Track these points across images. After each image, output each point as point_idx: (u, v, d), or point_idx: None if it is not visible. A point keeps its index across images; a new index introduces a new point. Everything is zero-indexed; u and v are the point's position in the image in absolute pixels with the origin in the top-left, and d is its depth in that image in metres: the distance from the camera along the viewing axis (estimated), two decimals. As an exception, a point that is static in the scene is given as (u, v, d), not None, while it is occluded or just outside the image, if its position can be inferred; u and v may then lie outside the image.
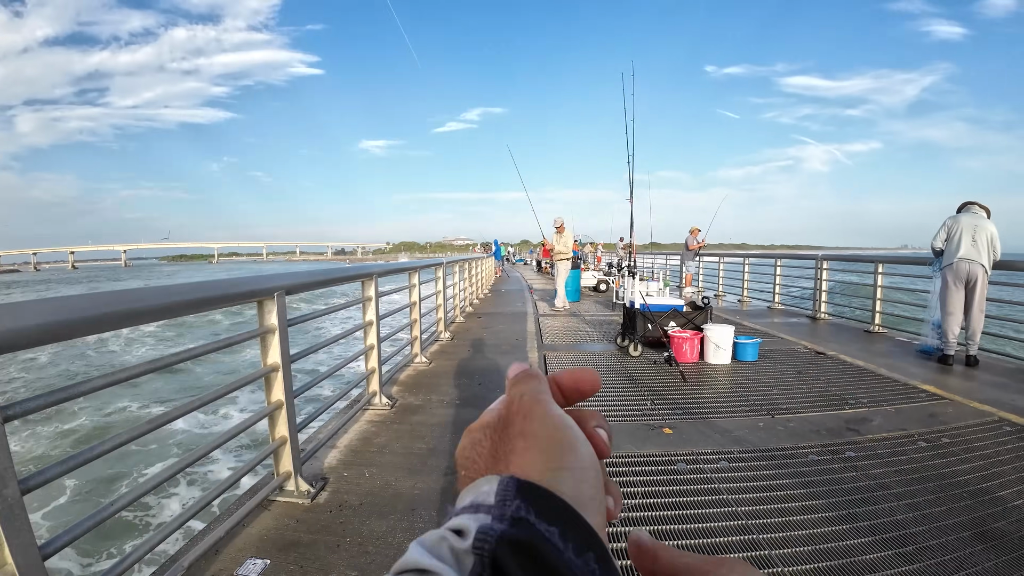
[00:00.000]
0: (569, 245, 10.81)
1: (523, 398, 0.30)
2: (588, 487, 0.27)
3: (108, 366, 12.97)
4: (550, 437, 0.28)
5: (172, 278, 56.14)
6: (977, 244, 5.39)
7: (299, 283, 2.90)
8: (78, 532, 1.55)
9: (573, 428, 0.29)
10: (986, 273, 5.41)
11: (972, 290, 5.44)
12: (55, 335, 1.50)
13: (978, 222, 5.45)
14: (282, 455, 2.71)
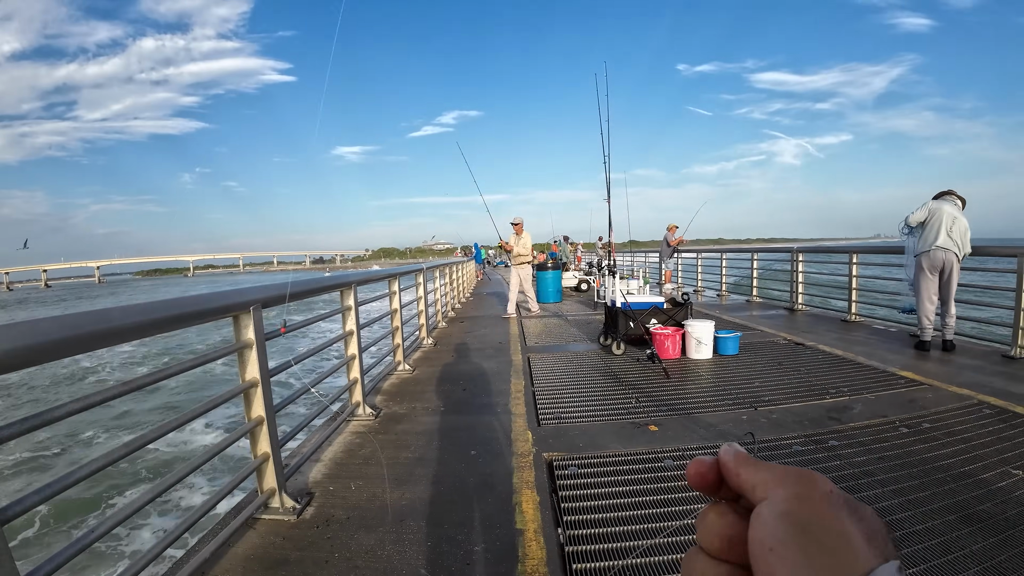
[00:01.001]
0: (528, 247, 10.08)
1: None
2: None
3: (69, 386, 12.66)
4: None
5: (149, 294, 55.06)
6: (953, 236, 5.49)
7: (276, 296, 2.85)
8: (61, 560, 1.51)
9: None
10: (959, 262, 5.52)
11: (948, 279, 5.55)
12: (24, 361, 1.45)
13: (957, 214, 5.54)
14: (265, 472, 2.67)
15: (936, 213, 5.60)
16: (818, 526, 0.25)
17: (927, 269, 5.64)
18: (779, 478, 0.28)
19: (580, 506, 2.64)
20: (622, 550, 2.27)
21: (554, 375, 5.24)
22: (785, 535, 0.25)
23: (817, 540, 0.24)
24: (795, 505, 0.26)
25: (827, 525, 0.25)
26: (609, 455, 3.19)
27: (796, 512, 0.25)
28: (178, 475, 2.13)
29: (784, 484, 0.27)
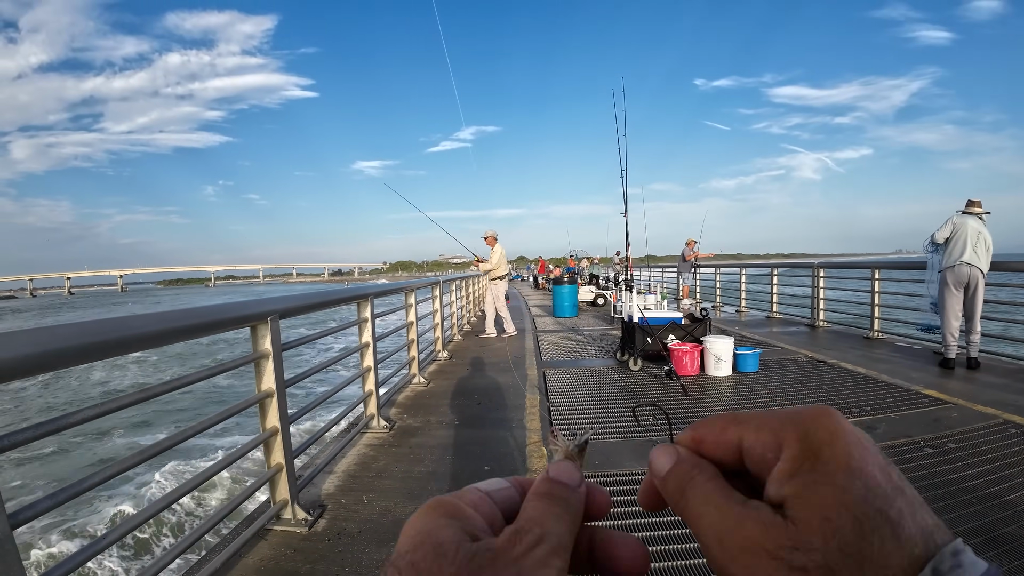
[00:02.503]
0: (495, 261, 9.15)
1: (531, 552, 0.25)
2: None
3: (86, 394, 12.84)
4: None
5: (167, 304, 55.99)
6: (979, 250, 5.39)
7: (293, 306, 2.87)
8: (71, 566, 1.51)
9: None
10: (983, 277, 5.40)
11: (973, 294, 5.43)
12: (44, 365, 1.47)
13: (981, 229, 5.43)
14: (278, 483, 2.66)
15: (961, 228, 5.48)
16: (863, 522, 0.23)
17: (952, 285, 5.51)
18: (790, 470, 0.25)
19: (595, 524, 2.59)
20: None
21: (569, 390, 5.19)
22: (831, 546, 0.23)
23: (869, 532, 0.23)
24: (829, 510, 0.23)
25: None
26: (625, 473, 3.14)
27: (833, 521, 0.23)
28: (191, 484, 2.13)
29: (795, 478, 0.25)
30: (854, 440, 0.25)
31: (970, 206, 5.57)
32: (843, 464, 0.24)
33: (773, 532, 0.24)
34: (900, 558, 0.22)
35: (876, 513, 0.23)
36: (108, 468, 1.70)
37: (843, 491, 0.23)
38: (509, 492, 0.29)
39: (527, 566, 0.24)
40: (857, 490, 0.23)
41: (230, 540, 2.43)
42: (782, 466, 0.25)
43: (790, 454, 0.25)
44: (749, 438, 0.27)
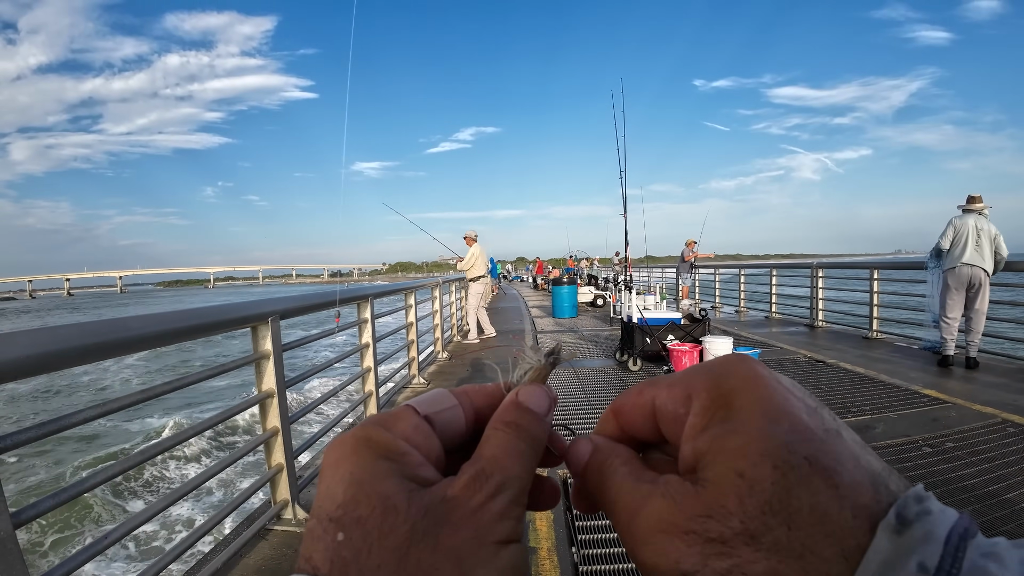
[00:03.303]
0: (467, 261, 8.84)
1: (490, 503, 0.23)
2: None
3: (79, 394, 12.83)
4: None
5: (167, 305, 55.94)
6: (981, 248, 5.37)
7: (293, 307, 2.88)
8: (72, 566, 1.51)
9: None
10: (988, 276, 5.38)
11: (975, 294, 5.42)
12: (45, 366, 1.48)
13: (982, 224, 5.41)
14: (279, 483, 2.67)
15: (961, 229, 5.46)
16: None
17: (953, 286, 5.51)
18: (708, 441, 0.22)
19: (594, 524, 2.60)
20: (636, 570, 2.22)
21: (569, 391, 5.20)
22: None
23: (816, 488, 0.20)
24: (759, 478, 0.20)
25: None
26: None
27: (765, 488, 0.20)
28: (192, 484, 2.14)
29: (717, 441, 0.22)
30: (773, 383, 0.22)
31: (971, 202, 5.54)
32: (759, 409, 0.21)
33: (684, 503, 0.21)
34: (839, 511, 0.19)
35: (802, 461, 0.20)
36: (109, 468, 1.70)
37: (758, 439, 0.20)
38: (453, 412, 0.26)
39: (486, 520, 0.22)
40: (776, 436, 0.20)
41: (231, 540, 2.43)
42: (691, 420, 0.23)
43: (699, 405, 0.23)
44: (661, 396, 0.25)
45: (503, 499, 0.23)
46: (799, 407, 0.21)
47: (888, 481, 0.20)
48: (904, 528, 0.18)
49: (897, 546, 0.18)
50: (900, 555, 0.18)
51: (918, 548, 0.18)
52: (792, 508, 0.19)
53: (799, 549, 0.19)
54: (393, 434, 0.23)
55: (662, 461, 0.26)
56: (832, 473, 0.20)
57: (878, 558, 0.18)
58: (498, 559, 0.21)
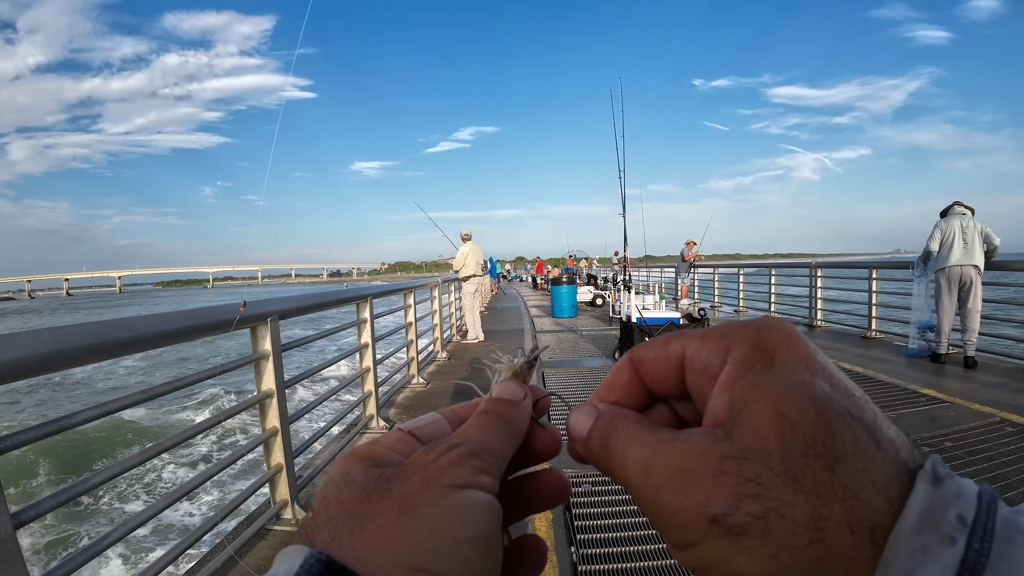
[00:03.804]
0: (463, 261, 8.68)
1: (442, 457, 0.23)
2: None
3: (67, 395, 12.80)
4: (440, 526, 0.20)
5: (167, 305, 55.84)
6: (969, 245, 5.43)
7: (293, 307, 2.88)
8: (72, 566, 1.51)
9: (486, 533, 0.21)
10: (979, 273, 5.43)
11: (967, 292, 5.46)
12: (46, 367, 1.48)
13: (965, 222, 5.49)
14: (278, 483, 2.67)
15: (947, 230, 5.57)
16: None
17: (945, 286, 5.58)
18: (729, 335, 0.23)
19: (594, 524, 2.60)
20: (636, 570, 2.23)
21: (569, 390, 5.21)
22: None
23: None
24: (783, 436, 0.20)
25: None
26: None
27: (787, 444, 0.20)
28: (191, 484, 2.14)
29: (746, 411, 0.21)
30: (813, 346, 0.22)
31: (949, 208, 5.66)
32: (802, 363, 0.21)
33: (713, 449, 0.20)
34: (882, 460, 0.19)
35: (844, 412, 0.20)
36: (109, 468, 1.71)
37: (802, 386, 0.20)
38: (438, 424, 0.27)
39: (435, 468, 0.22)
40: (820, 387, 0.20)
41: (230, 540, 2.43)
42: (729, 369, 0.22)
43: (739, 355, 0.22)
44: (692, 346, 0.24)
45: (456, 453, 0.23)
46: (835, 370, 0.22)
47: (914, 449, 0.21)
48: (939, 482, 0.19)
49: (936, 496, 0.18)
50: (940, 506, 0.18)
51: (954, 501, 0.18)
52: (837, 451, 0.19)
53: (843, 493, 0.18)
54: (377, 445, 0.25)
55: (671, 422, 0.26)
56: (873, 427, 0.20)
57: (919, 506, 0.18)
58: (447, 498, 0.21)
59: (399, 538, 0.20)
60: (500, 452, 0.24)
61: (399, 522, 0.20)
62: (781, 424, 0.20)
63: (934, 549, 0.17)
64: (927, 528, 0.18)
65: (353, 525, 0.20)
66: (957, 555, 0.17)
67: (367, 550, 0.19)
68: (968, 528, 0.18)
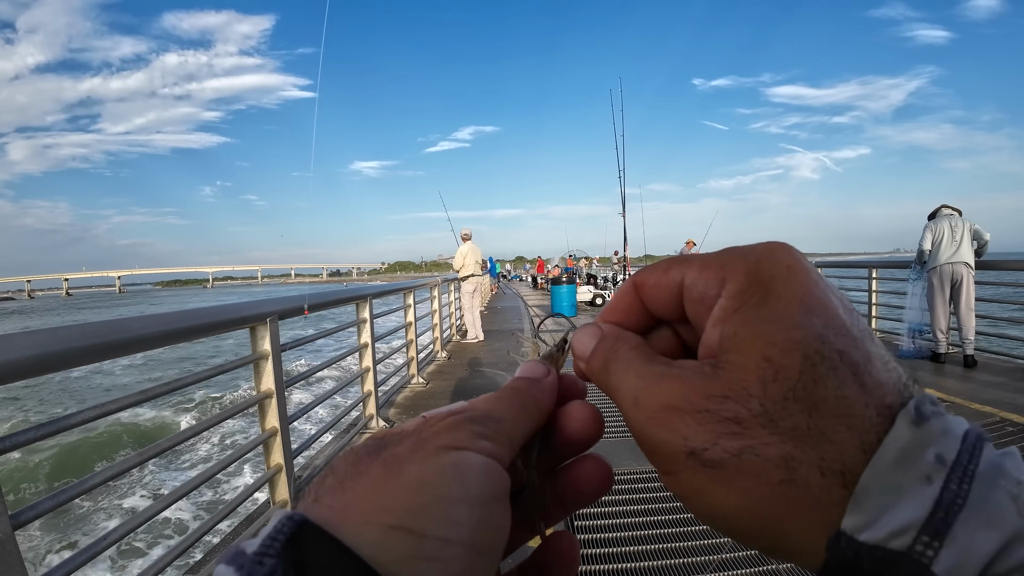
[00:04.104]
0: (462, 261, 8.59)
1: (440, 422, 0.22)
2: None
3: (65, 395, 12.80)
4: (425, 483, 0.19)
5: (167, 305, 55.82)
6: (958, 243, 5.52)
7: (292, 308, 2.88)
8: (69, 568, 1.51)
9: (481, 497, 0.20)
10: (970, 270, 5.51)
11: (958, 290, 5.53)
12: (46, 367, 1.48)
13: (954, 222, 5.58)
14: (278, 483, 2.67)
15: (936, 230, 5.66)
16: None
17: (937, 285, 5.67)
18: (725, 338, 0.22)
19: (594, 524, 2.60)
20: (636, 570, 2.23)
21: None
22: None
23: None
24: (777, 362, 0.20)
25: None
26: (624, 473, 3.15)
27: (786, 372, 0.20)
28: (191, 484, 2.14)
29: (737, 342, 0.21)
30: (814, 275, 0.22)
31: (937, 212, 5.74)
32: (797, 298, 0.21)
33: (701, 383, 0.21)
34: (864, 407, 0.19)
35: (835, 354, 0.20)
36: (109, 469, 1.70)
37: (794, 327, 0.20)
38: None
39: (428, 433, 0.21)
40: (811, 327, 0.20)
41: (230, 540, 2.43)
42: (723, 303, 0.22)
43: (734, 288, 0.22)
44: (691, 274, 0.24)
45: (455, 418, 0.22)
46: (836, 303, 0.21)
47: (911, 387, 0.21)
48: (923, 421, 0.19)
49: (916, 436, 0.18)
50: (918, 445, 0.18)
51: (936, 441, 0.18)
52: (817, 397, 0.19)
53: (817, 436, 0.19)
54: (394, 428, 0.24)
55: (673, 344, 0.26)
56: (861, 370, 0.20)
57: (897, 445, 0.18)
58: (437, 457, 0.20)
59: (379, 496, 0.19)
60: (509, 422, 0.23)
61: (381, 480, 0.19)
62: (765, 367, 0.20)
63: (909, 487, 0.17)
64: (903, 467, 0.18)
65: (336, 485, 0.20)
66: (932, 495, 0.17)
67: (343, 508, 0.19)
68: (947, 468, 0.17)
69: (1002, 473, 0.17)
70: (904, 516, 0.17)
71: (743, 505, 0.20)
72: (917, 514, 0.17)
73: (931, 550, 0.16)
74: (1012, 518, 0.17)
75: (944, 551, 0.16)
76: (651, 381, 0.22)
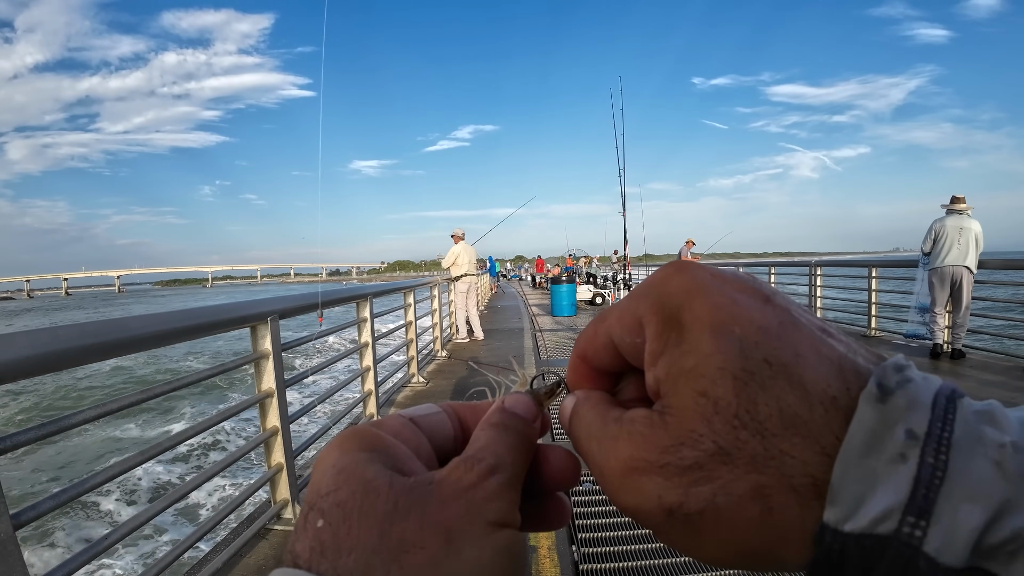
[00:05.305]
0: (452, 259, 8.50)
1: (484, 483, 0.21)
2: None
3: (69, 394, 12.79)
4: (483, 570, 0.19)
5: (167, 305, 55.77)
6: (962, 247, 5.60)
7: (292, 307, 2.87)
8: (73, 567, 1.51)
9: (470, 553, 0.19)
10: (970, 273, 5.61)
11: (959, 290, 5.65)
12: (45, 366, 1.48)
13: (963, 223, 5.64)
14: (279, 482, 2.66)
15: (941, 231, 5.73)
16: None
17: (938, 284, 5.78)
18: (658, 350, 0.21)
19: (595, 523, 2.60)
20: (636, 569, 2.23)
21: (568, 389, 5.20)
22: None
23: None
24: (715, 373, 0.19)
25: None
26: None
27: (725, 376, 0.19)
28: (192, 484, 2.14)
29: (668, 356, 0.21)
30: (716, 287, 0.21)
31: (954, 203, 5.78)
32: (707, 321, 0.20)
33: (653, 437, 0.20)
34: (809, 409, 0.18)
35: (761, 365, 0.19)
36: (109, 469, 1.70)
37: (712, 354, 0.19)
38: (439, 417, 0.26)
39: (479, 498, 0.20)
40: (729, 346, 0.19)
41: (231, 540, 2.43)
42: (648, 347, 0.22)
43: (652, 331, 0.21)
44: (614, 329, 0.24)
45: (496, 480, 0.21)
46: (748, 305, 0.20)
47: (855, 362, 0.19)
48: (887, 396, 0.18)
49: (882, 415, 0.17)
50: (886, 424, 0.17)
51: (904, 416, 0.17)
52: (761, 416, 0.18)
53: (777, 456, 0.18)
54: (380, 430, 0.23)
55: (640, 388, 0.25)
56: (793, 370, 0.19)
57: (863, 429, 0.17)
58: (491, 540, 0.20)
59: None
60: (522, 474, 0.23)
61: (441, 560, 0.18)
62: (703, 403, 0.19)
63: (884, 471, 0.17)
64: (874, 451, 0.17)
65: (388, 558, 0.18)
66: (909, 473, 0.17)
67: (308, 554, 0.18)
68: (920, 443, 0.17)
69: (980, 439, 0.17)
70: (885, 500, 0.16)
71: (733, 548, 0.19)
72: (898, 496, 0.16)
73: (919, 530, 0.16)
74: (998, 485, 0.16)
75: (932, 529, 0.16)
76: (608, 446, 0.22)
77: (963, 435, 0.17)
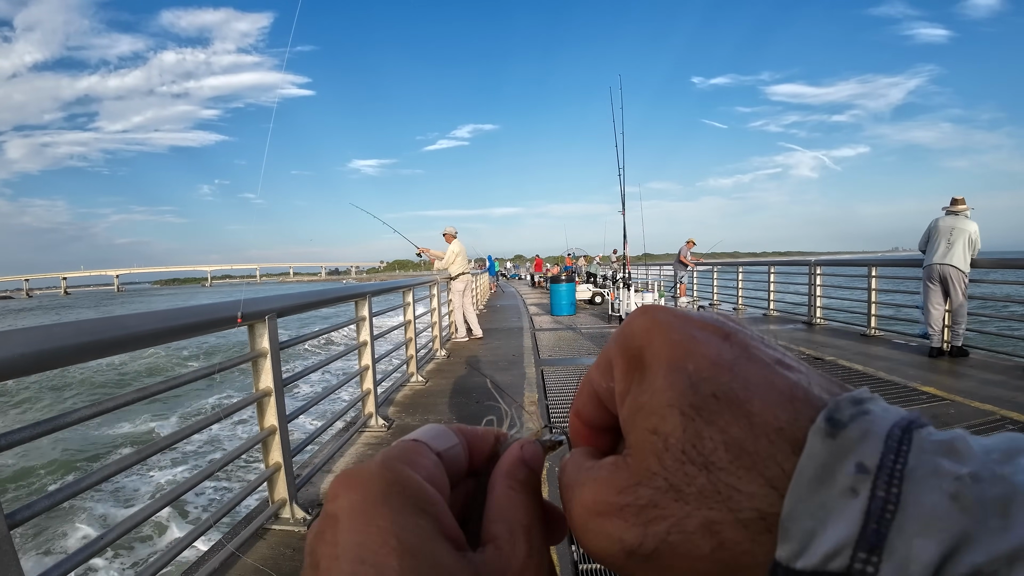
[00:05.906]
0: (452, 258, 8.37)
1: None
2: None
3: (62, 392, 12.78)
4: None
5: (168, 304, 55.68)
6: (952, 247, 5.70)
7: (291, 305, 2.86)
8: (69, 566, 1.50)
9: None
10: (960, 272, 5.68)
11: (949, 288, 5.74)
12: (41, 365, 1.47)
13: (957, 224, 5.74)
14: (277, 482, 2.65)
15: (934, 231, 5.86)
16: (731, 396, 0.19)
17: (927, 281, 5.92)
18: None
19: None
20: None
21: (568, 388, 5.20)
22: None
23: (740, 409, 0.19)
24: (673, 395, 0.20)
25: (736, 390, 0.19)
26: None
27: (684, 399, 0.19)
28: (189, 483, 2.13)
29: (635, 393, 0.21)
30: (674, 326, 0.21)
31: (953, 204, 5.88)
32: (664, 359, 0.20)
33: (612, 480, 0.20)
34: (756, 439, 0.18)
35: (709, 400, 0.19)
36: (106, 468, 1.69)
37: (663, 391, 0.20)
38: (456, 451, 0.26)
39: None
40: (679, 382, 0.19)
41: (229, 539, 2.42)
42: (616, 389, 0.22)
43: (619, 373, 0.22)
44: (595, 379, 0.24)
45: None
46: (704, 341, 0.21)
47: (809, 392, 0.19)
48: (837, 430, 0.17)
49: (832, 449, 0.17)
50: (836, 458, 0.17)
51: (856, 448, 0.17)
52: (707, 450, 0.18)
53: (724, 490, 0.18)
54: (419, 475, 0.22)
55: None
56: (741, 404, 0.19)
57: (812, 464, 0.17)
58: None
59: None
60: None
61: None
62: (654, 440, 0.19)
63: (834, 504, 0.16)
64: (824, 485, 0.17)
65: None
66: (860, 507, 0.16)
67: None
68: (872, 476, 0.16)
69: (936, 470, 0.16)
70: (836, 535, 0.16)
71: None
72: (849, 530, 0.16)
73: (871, 566, 0.15)
74: (954, 518, 0.15)
75: (884, 564, 0.15)
76: (575, 492, 0.22)
77: (917, 467, 0.16)
